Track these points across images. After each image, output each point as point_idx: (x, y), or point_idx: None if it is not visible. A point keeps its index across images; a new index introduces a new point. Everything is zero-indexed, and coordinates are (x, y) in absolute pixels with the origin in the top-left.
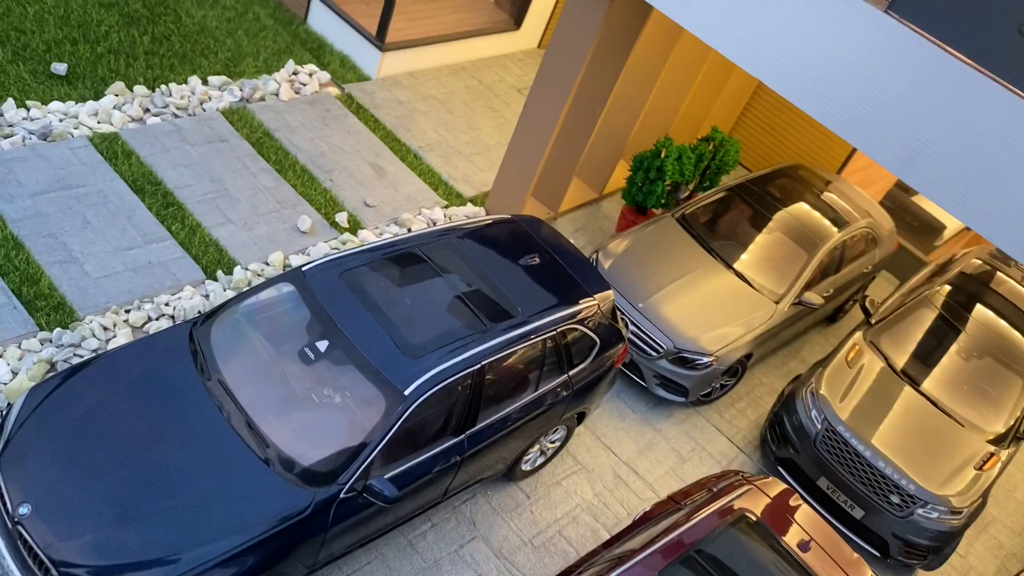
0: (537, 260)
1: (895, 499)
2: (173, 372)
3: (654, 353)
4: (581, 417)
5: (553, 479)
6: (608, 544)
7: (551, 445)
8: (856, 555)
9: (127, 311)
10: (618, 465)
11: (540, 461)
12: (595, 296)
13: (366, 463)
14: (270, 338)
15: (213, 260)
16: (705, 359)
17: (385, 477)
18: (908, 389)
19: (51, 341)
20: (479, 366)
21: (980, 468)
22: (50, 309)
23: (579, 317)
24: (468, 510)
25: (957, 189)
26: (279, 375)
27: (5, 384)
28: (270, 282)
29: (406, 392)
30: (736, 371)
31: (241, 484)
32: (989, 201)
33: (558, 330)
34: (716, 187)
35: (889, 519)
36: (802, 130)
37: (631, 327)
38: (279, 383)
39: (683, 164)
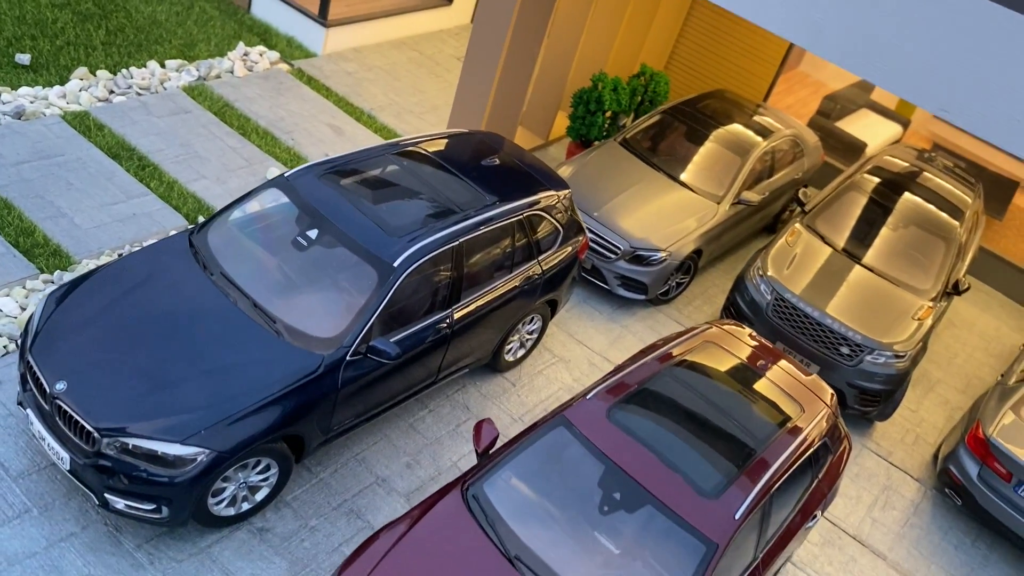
0: (498, 161)
1: (845, 350)
2: (178, 270)
3: (612, 255)
4: (553, 307)
5: (535, 369)
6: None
7: (529, 336)
8: (813, 374)
9: (119, 255)
10: (592, 355)
11: (521, 353)
12: (554, 191)
13: (366, 327)
14: (264, 234)
15: (193, 209)
16: (659, 255)
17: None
18: (844, 259)
19: (53, 281)
20: (457, 243)
21: (917, 318)
22: (48, 255)
23: (542, 205)
24: (461, 397)
25: (857, 52)
26: (277, 263)
27: (15, 317)
28: (257, 189)
29: (395, 264)
30: (688, 268)
31: (257, 353)
32: (884, 58)
33: (524, 215)
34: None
35: (842, 370)
36: (729, 65)
37: (590, 235)
38: (278, 270)
39: (619, 94)
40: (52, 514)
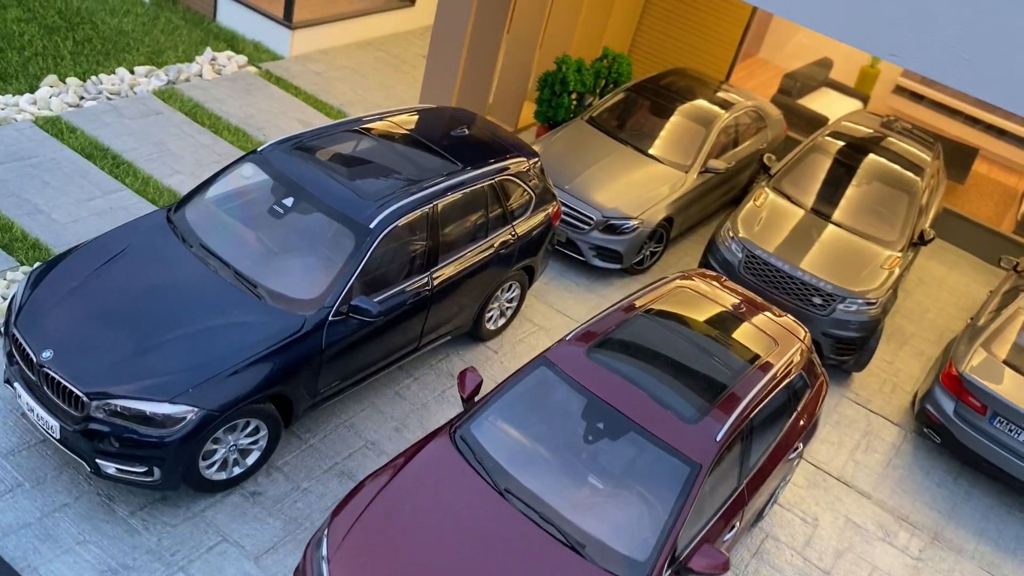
0: (467, 131)
1: (817, 301)
2: (158, 244)
3: (586, 226)
4: (531, 274)
5: (516, 338)
6: None
7: (508, 305)
8: (786, 314)
9: None
10: (571, 324)
11: (502, 322)
12: (524, 158)
13: (347, 288)
14: (241, 206)
15: (170, 202)
16: (631, 223)
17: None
18: (812, 216)
19: None
20: (431, 206)
21: (885, 267)
22: (27, 249)
23: (512, 171)
24: (445, 366)
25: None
26: (255, 232)
27: None
28: (231, 165)
29: (371, 226)
30: (661, 237)
31: (240, 316)
32: (830, 6)
33: (495, 180)
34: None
35: (816, 320)
36: (689, 48)
37: (563, 208)
38: (256, 238)
39: (583, 75)
40: (44, 487)
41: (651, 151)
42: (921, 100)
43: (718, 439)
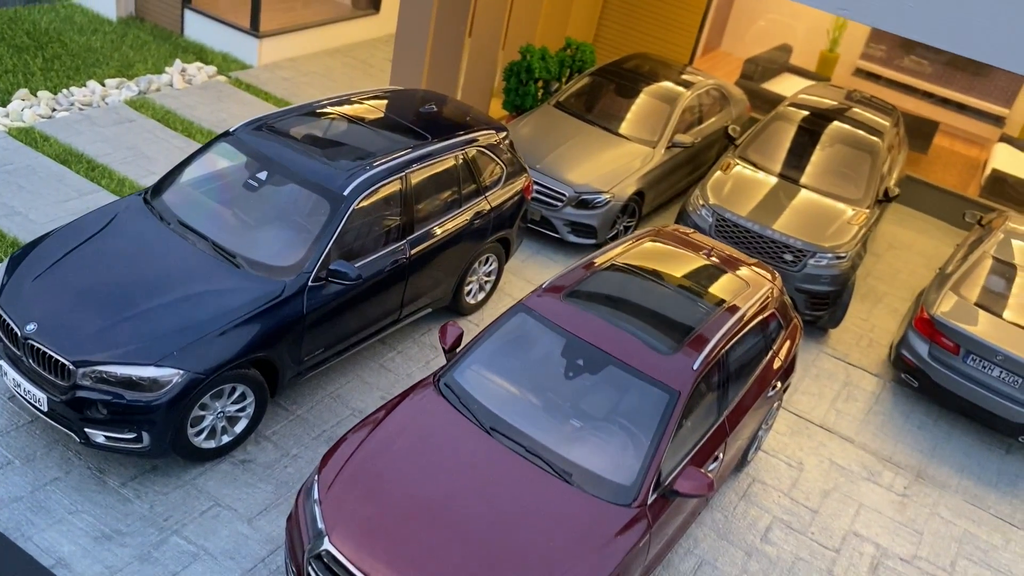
0: (435, 108)
1: (788, 257)
2: (136, 223)
3: (559, 203)
4: (507, 247)
5: (496, 312)
6: None
7: (487, 279)
8: (755, 260)
9: None
10: None
11: (481, 296)
12: (493, 131)
13: (324, 254)
14: (216, 184)
15: None
16: (602, 197)
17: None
18: (779, 180)
19: None
20: (404, 175)
21: (853, 223)
22: (6, 247)
23: (481, 143)
24: (428, 339)
25: None
26: (232, 207)
27: None
28: (205, 146)
29: (345, 193)
30: (633, 211)
31: (221, 283)
32: None
33: (466, 152)
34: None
35: (789, 277)
36: (651, 38)
37: (535, 187)
38: (233, 213)
39: (548, 62)
40: (34, 464)
41: (618, 129)
42: (879, 80)
43: (695, 367)
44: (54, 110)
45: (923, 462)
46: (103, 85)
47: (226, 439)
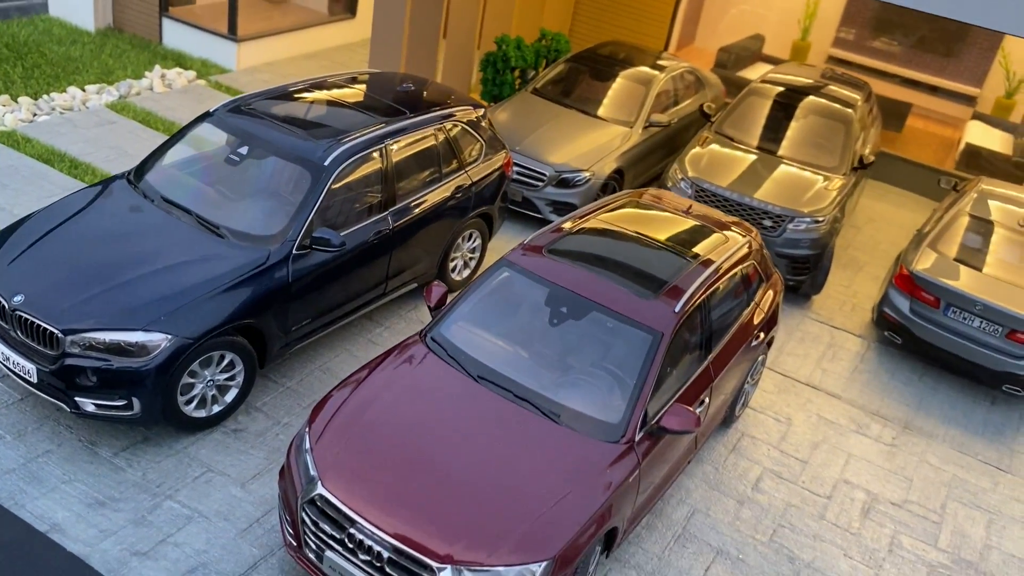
0: (413, 87)
1: (768, 223)
2: (119, 201)
3: (540, 183)
4: (489, 224)
5: None
6: None
7: (471, 255)
8: (734, 218)
9: None
10: None
11: (466, 273)
12: (470, 107)
13: (307, 222)
14: (199, 161)
15: None
16: (582, 175)
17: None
18: (755, 152)
19: None
20: (384, 146)
21: (829, 189)
22: None
23: (459, 118)
24: (414, 315)
25: None
26: (214, 182)
27: None
28: (185, 128)
29: (325, 163)
30: (613, 189)
31: (206, 251)
32: None
33: (445, 127)
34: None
35: (769, 243)
36: (624, 31)
37: (515, 168)
38: (216, 188)
39: (523, 51)
40: (25, 438)
41: (596, 112)
42: (852, 66)
43: (676, 310)
44: (35, 115)
45: (910, 415)
46: (83, 91)
47: (217, 409)
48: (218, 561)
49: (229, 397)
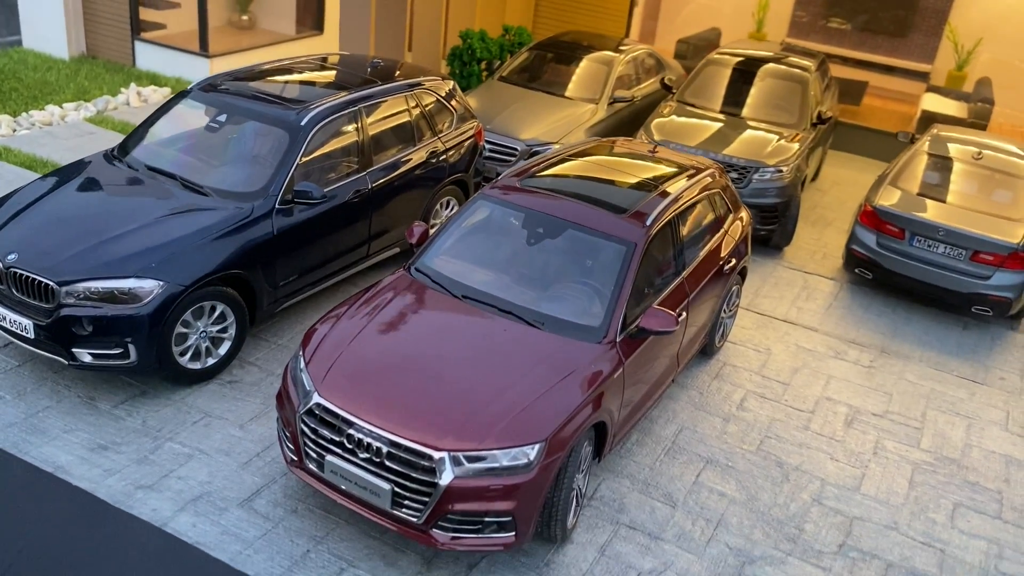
0: (383, 63)
1: (734, 175)
2: (105, 172)
3: (512, 158)
4: (466, 192)
5: None
6: None
7: None
8: (697, 157)
9: None
10: None
11: None
12: (439, 79)
13: (288, 177)
14: (180, 135)
15: None
16: (553, 147)
17: None
18: (717, 115)
19: None
20: (357, 110)
21: (790, 141)
22: None
23: (428, 86)
24: None
25: None
26: (196, 148)
27: None
28: (165, 105)
29: (302, 124)
30: None
31: (192, 207)
32: None
33: (416, 94)
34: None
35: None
36: (585, 21)
37: (488, 146)
38: (197, 153)
39: (488, 43)
40: (25, 397)
41: (561, 92)
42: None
43: (647, 223)
44: (15, 130)
45: (885, 341)
46: (61, 107)
47: (211, 361)
48: (222, 490)
49: (223, 350)
